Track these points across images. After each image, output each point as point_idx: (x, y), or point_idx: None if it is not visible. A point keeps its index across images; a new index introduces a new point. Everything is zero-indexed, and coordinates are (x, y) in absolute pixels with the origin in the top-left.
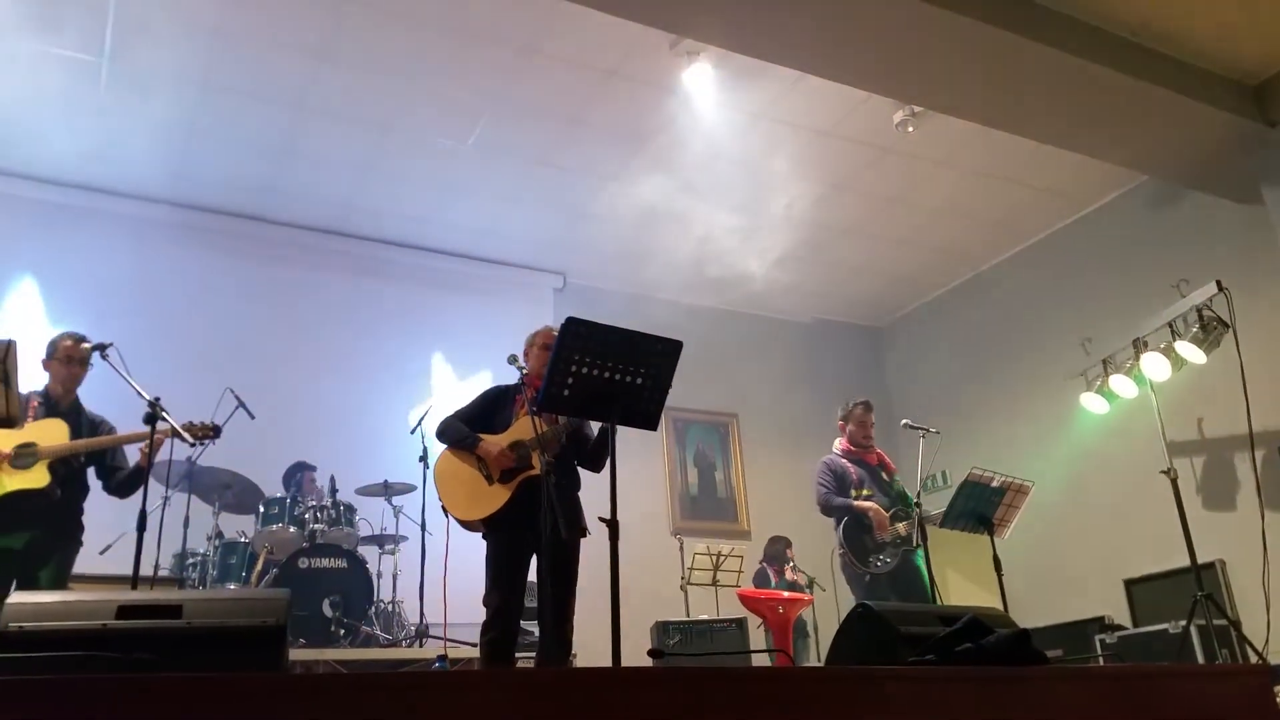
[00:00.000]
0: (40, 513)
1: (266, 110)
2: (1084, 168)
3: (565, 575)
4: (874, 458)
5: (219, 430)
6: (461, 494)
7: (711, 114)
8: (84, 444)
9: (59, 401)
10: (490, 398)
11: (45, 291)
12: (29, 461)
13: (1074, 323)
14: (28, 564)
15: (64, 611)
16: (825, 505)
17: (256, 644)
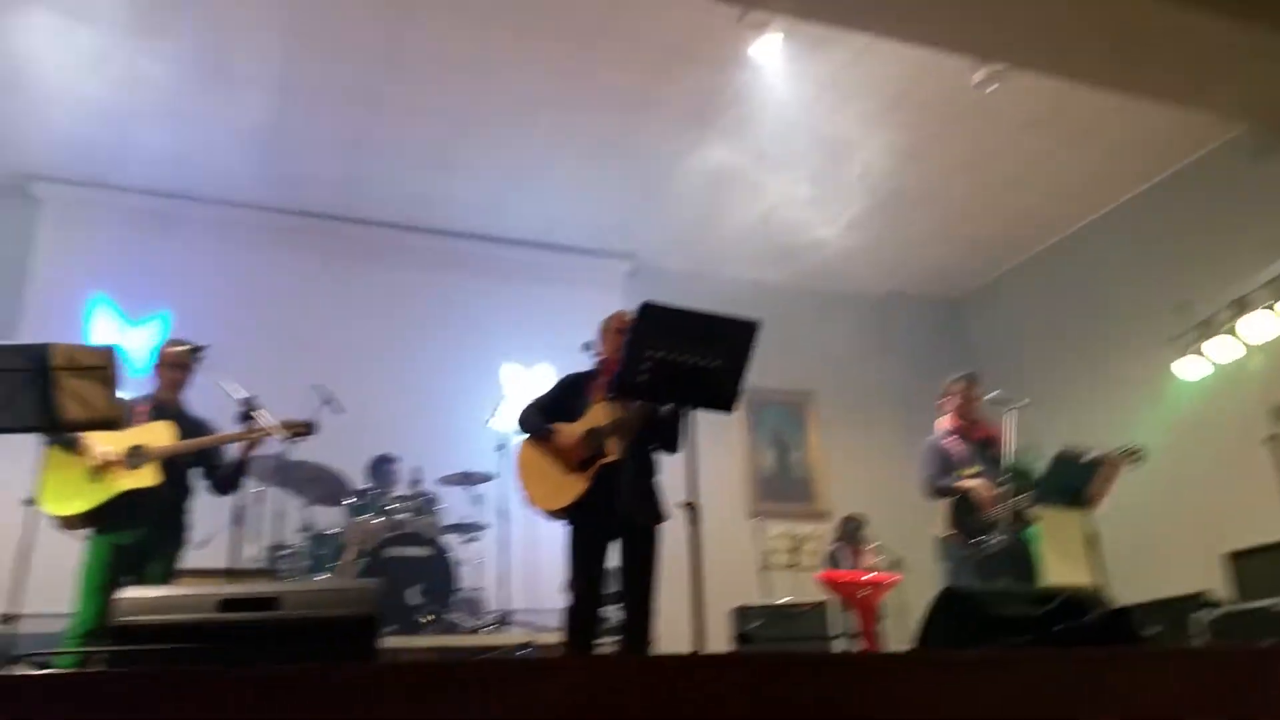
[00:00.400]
0: (150, 511)
1: (340, 110)
2: (1175, 121)
3: (645, 561)
4: (980, 433)
5: (313, 426)
6: (541, 485)
7: (780, 86)
8: (190, 444)
9: (165, 405)
10: (566, 386)
11: (135, 298)
12: (139, 462)
13: (1167, 286)
14: (140, 559)
15: (170, 605)
16: (929, 488)
17: (350, 633)
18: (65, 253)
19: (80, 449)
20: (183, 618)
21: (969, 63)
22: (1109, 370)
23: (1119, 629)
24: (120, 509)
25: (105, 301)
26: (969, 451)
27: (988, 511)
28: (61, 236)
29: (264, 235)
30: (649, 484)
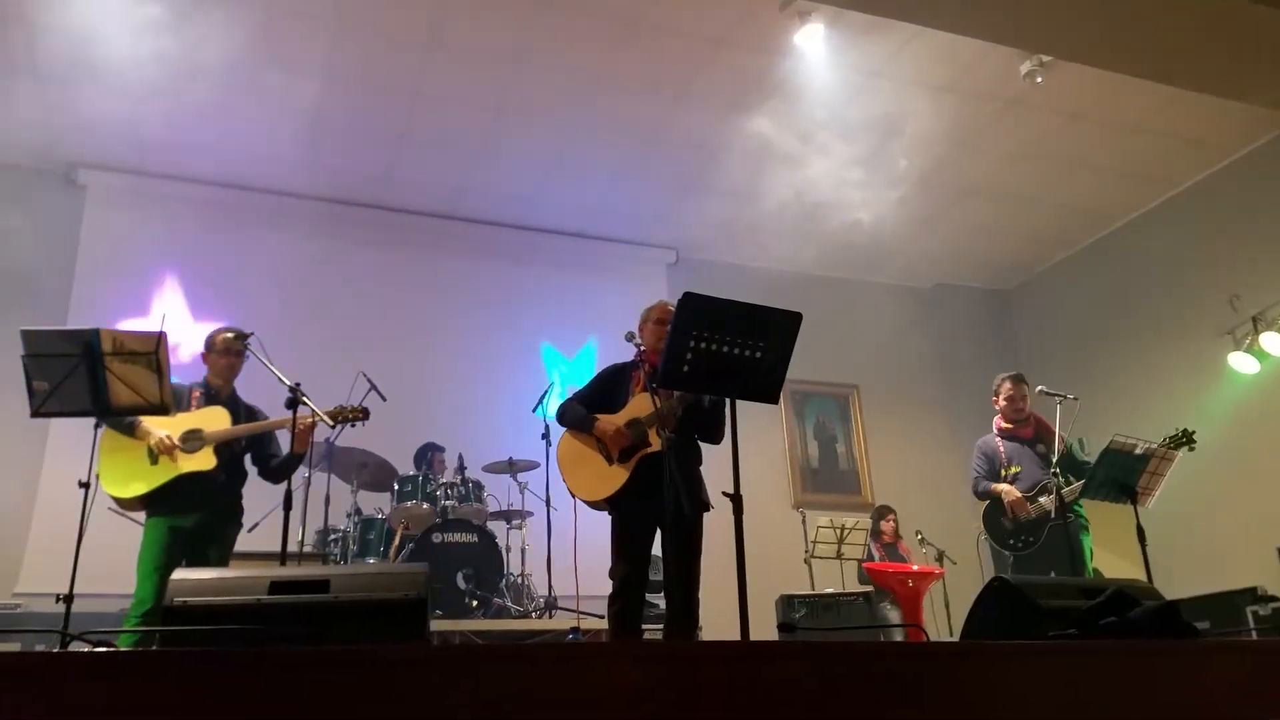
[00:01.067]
0: (207, 495)
1: (383, 100)
2: (1227, 113)
3: (689, 549)
4: (1030, 430)
5: (367, 413)
6: (583, 475)
7: (824, 76)
8: (245, 428)
9: (219, 392)
10: (606, 377)
11: (186, 286)
12: (196, 446)
13: (1220, 278)
14: (197, 542)
15: (222, 587)
16: (974, 490)
17: (400, 616)
18: (111, 239)
19: (138, 432)
20: (233, 599)
21: (1016, 54)
22: (1160, 363)
23: (1169, 623)
24: (178, 492)
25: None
26: (1016, 450)
27: (1017, 515)
28: (107, 223)
29: (308, 224)
30: (692, 473)
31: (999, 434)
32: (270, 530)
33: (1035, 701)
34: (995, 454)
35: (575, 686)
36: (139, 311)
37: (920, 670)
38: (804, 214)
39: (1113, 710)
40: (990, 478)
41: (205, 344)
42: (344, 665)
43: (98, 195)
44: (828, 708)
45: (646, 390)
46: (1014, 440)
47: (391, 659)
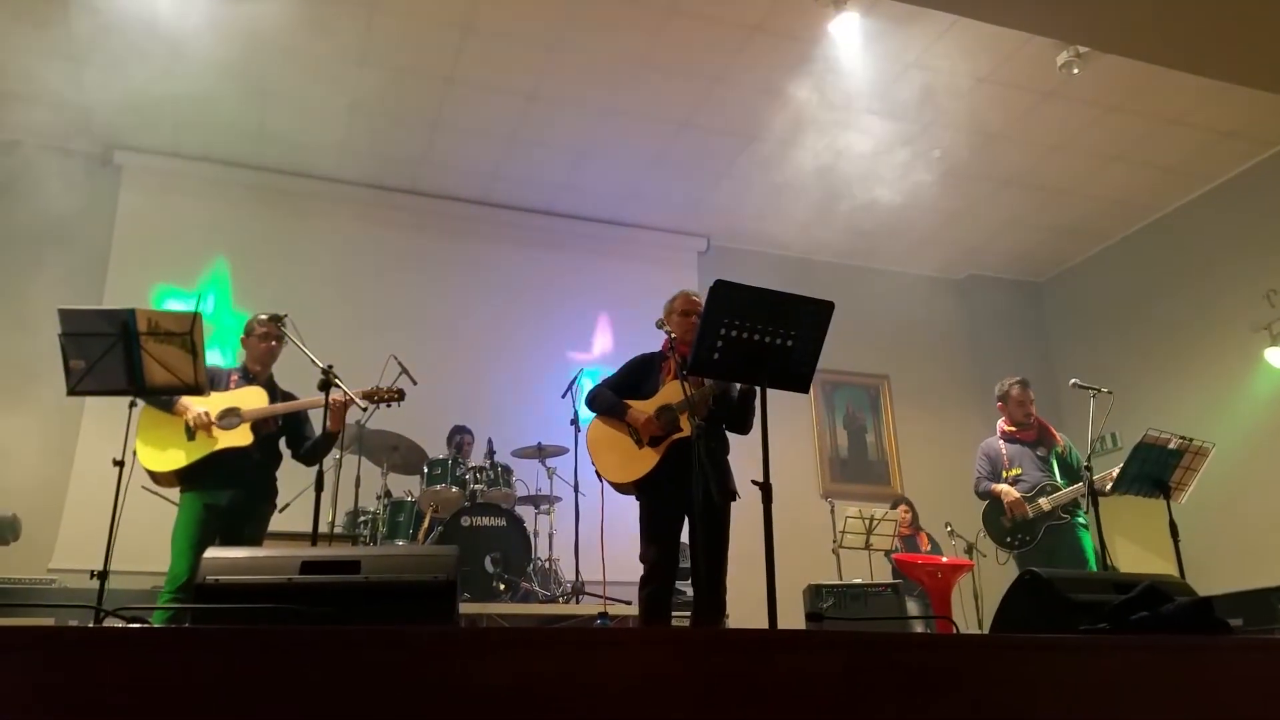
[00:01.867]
0: (242, 472)
1: (416, 85)
2: (1264, 106)
3: (717, 537)
4: (1032, 433)
5: (402, 394)
6: (613, 458)
7: (860, 64)
8: (282, 407)
9: (256, 377)
10: (636, 365)
11: (220, 268)
12: (234, 423)
13: (1257, 272)
14: (232, 520)
15: (253, 566)
16: (975, 490)
17: (429, 598)
18: (147, 221)
19: (176, 408)
20: (265, 578)
21: (1053, 45)
22: (1194, 358)
23: (1201, 618)
24: (214, 468)
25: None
26: (1018, 452)
27: (1015, 515)
28: (143, 204)
29: (341, 207)
30: (720, 462)
31: (1002, 436)
32: (301, 511)
33: (1066, 695)
34: (998, 456)
35: (603, 672)
36: (174, 293)
37: (949, 662)
38: (836, 203)
39: (1144, 706)
40: (992, 479)
41: (245, 329)
42: (374, 645)
43: (134, 176)
44: (855, 698)
45: (677, 378)
46: (1016, 443)
47: (421, 640)
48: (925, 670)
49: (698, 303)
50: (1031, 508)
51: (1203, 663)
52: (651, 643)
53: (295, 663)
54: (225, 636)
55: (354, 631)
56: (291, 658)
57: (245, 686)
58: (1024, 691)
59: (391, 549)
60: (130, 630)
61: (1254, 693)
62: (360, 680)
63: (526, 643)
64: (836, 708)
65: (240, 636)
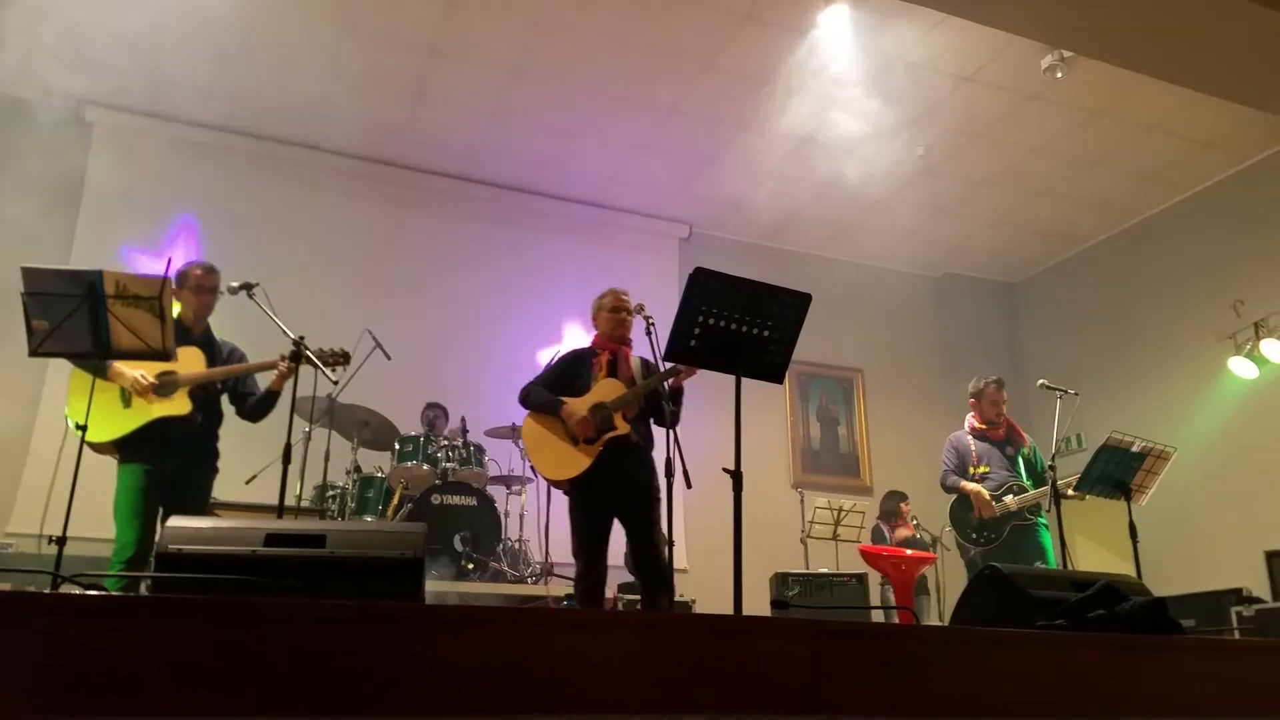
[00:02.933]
0: (184, 439)
1: (399, 55)
2: (1243, 119)
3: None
4: (1001, 432)
5: (348, 355)
6: (549, 455)
7: (847, 58)
8: (220, 371)
9: (191, 329)
10: (568, 362)
11: (193, 232)
12: (170, 389)
13: (1225, 283)
14: (175, 487)
15: (217, 537)
16: (942, 483)
17: (395, 575)
18: (117, 180)
19: (110, 373)
20: (229, 549)
21: (1038, 48)
22: (1161, 363)
23: (1155, 618)
24: (153, 437)
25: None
26: (986, 450)
27: (982, 515)
28: (114, 164)
29: (320, 176)
30: (648, 458)
31: (971, 433)
32: (268, 483)
33: (1021, 688)
34: (966, 451)
35: (568, 653)
36: (144, 255)
37: (909, 652)
38: (818, 196)
39: (1096, 701)
40: (959, 473)
41: (177, 279)
42: (337, 620)
43: (105, 134)
44: (817, 684)
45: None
46: (985, 440)
47: (385, 616)
48: (885, 660)
49: (626, 301)
50: (999, 507)
51: (1155, 661)
52: (617, 625)
53: (256, 635)
54: (185, 606)
55: (317, 605)
56: (253, 630)
57: (204, 657)
58: (981, 683)
59: (358, 524)
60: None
61: (1204, 692)
62: (322, 655)
63: (492, 622)
64: (797, 694)
65: (201, 606)
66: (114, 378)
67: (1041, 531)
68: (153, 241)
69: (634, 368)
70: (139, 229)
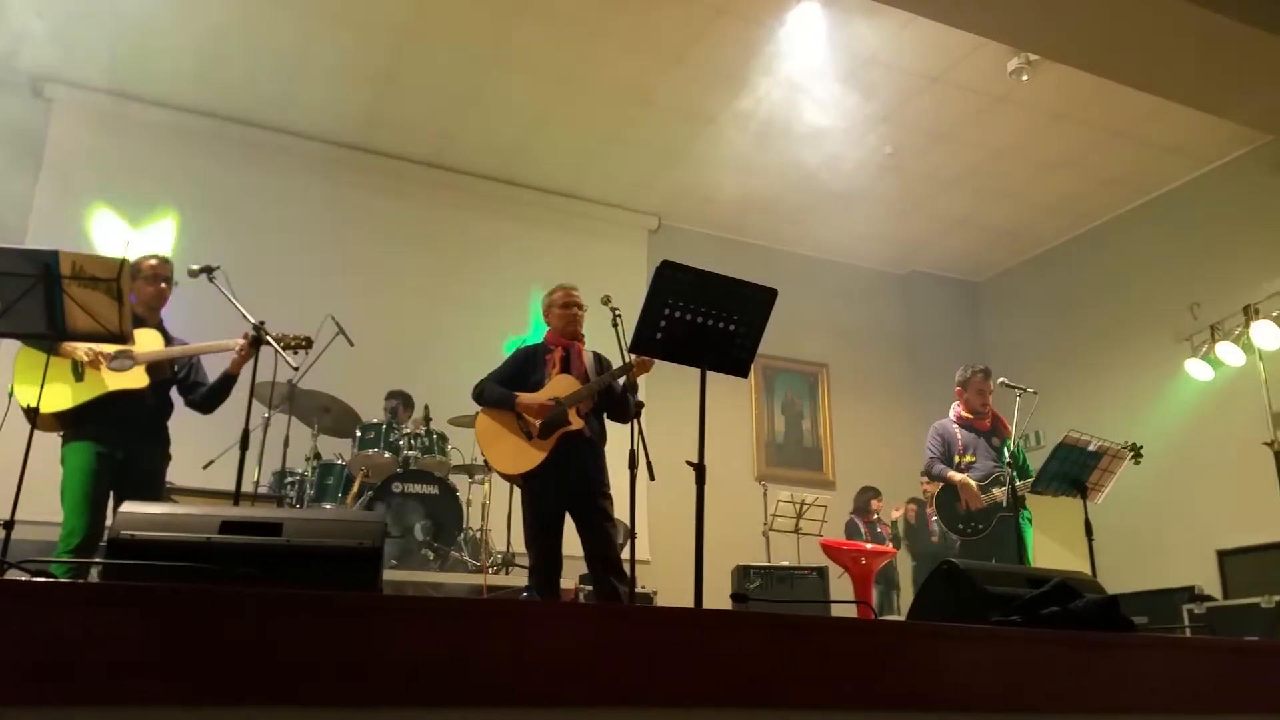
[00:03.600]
0: (137, 420)
1: (369, 38)
2: (1204, 125)
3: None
4: (988, 422)
5: (310, 341)
6: (502, 449)
7: (817, 56)
8: (176, 351)
9: (144, 319)
10: (520, 360)
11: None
12: (127, 365)
13: (1183, 286)
14: (126, 470)
15: (171, 523)
16: (927, 471)
17: (353, 564)
18: (76, 160)
19: (61, 349)
20: (183, 536)
21: (1005, 51)
22: (1119, 364)
23: (1109, 616)
24: (105, 413)
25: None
26: (972, 440)
27: (969, 507)
28: (74, 142)
29: (284, 159)
30: (600, 454)
31: (957, 421)
32: (225, 468)
33: (976, 683)
34: (953, 440)
35: (526, 644)
36: (102, 236)
37: (866, 646)
38: (787, 191)
39: (1049, 697)
40: (945, 462)
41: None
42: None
43: (65, 111)
44: (776, 677)
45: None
46: (971, 430)
47: (341, 605)
48: (843, 653)
49: (577, 297)
50: (986, 498)
51: (1108, 658)
52: (576, 617)
53: (210, 623)
54: (137, 593)
55: (269, 594)
56: (207, 618)
57: (151, 645)
58: (936, 678)
59: (317, 512)
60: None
61: (1156, 688)
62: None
63: (449, 612)
64: (756, 686)
65: (149, 593)
66: (66, 353)
67: (1026, 526)
68: (111, 222)
69: (587, 363)
70: (97, 209)
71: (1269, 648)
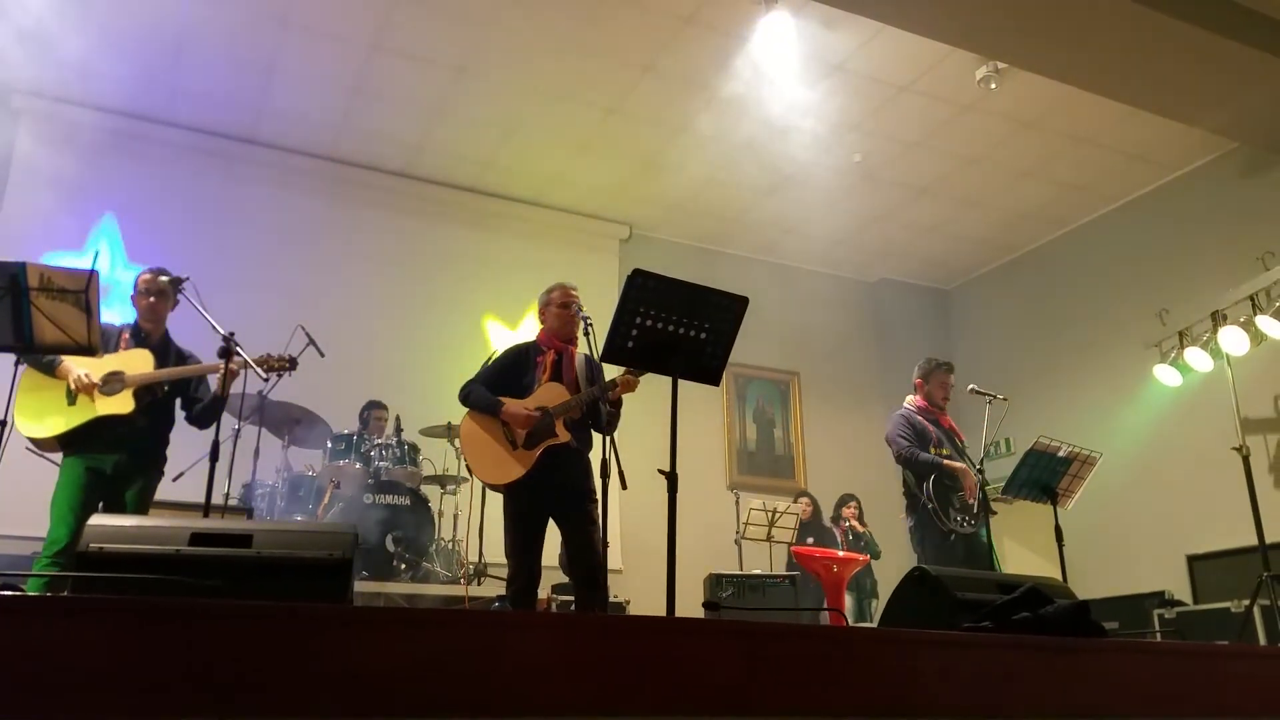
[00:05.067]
0: (126, 438)
1: (342, 49)
2: (1171, 132)
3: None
4: (946, 422)
5: (294, 362)
6: (486, 457)
7: (787, 65)
8: (166, 373)
9: (149, 335)
10: (510, 360)
11: (125, 227)
12: (116, 388)
13: (1151, 292)
14: (115, 486)
15: (140, 535)
16: (910, 459)
17: (323, 576)
18: (46, 170)
19: (58, 371)
20: (152, 548)
21: (973, 59)
22: (1088, 370)
23: (1079, 621)
24: (96, 434)
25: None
26: (939, 434)
27: (969, 497)
28: (42, 153)
29: (256, 171)
30: (586, 463)
31: (919, 412)
32: (195, 481)
33: (947, 689)
34: (925, 430)
35: (497, 655)
36: (71, 247)
37: (838, 653)
38: (757, 199)
39: (1020, 701)
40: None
41: (134, 285)
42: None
43: (33, 122)
44: (748, 685)
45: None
46: (935, 424)
47: (310, 618)
48: (815, 660)
49: (576, 296)
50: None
51: (1078, 663)
52: (550, 627)
53: (180, 636)
54: (106, 606)
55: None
56: (176, 631)
57: (126, 659)
58: (907, 684)
59: (286, 524)
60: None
61: (1125, 692)
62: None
63: (423, 623)
64: (729, 694)
65: (122, 607)
66: (62, 375)
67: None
68: (80, 233)
69: (579, 369)
70: (65, 220)
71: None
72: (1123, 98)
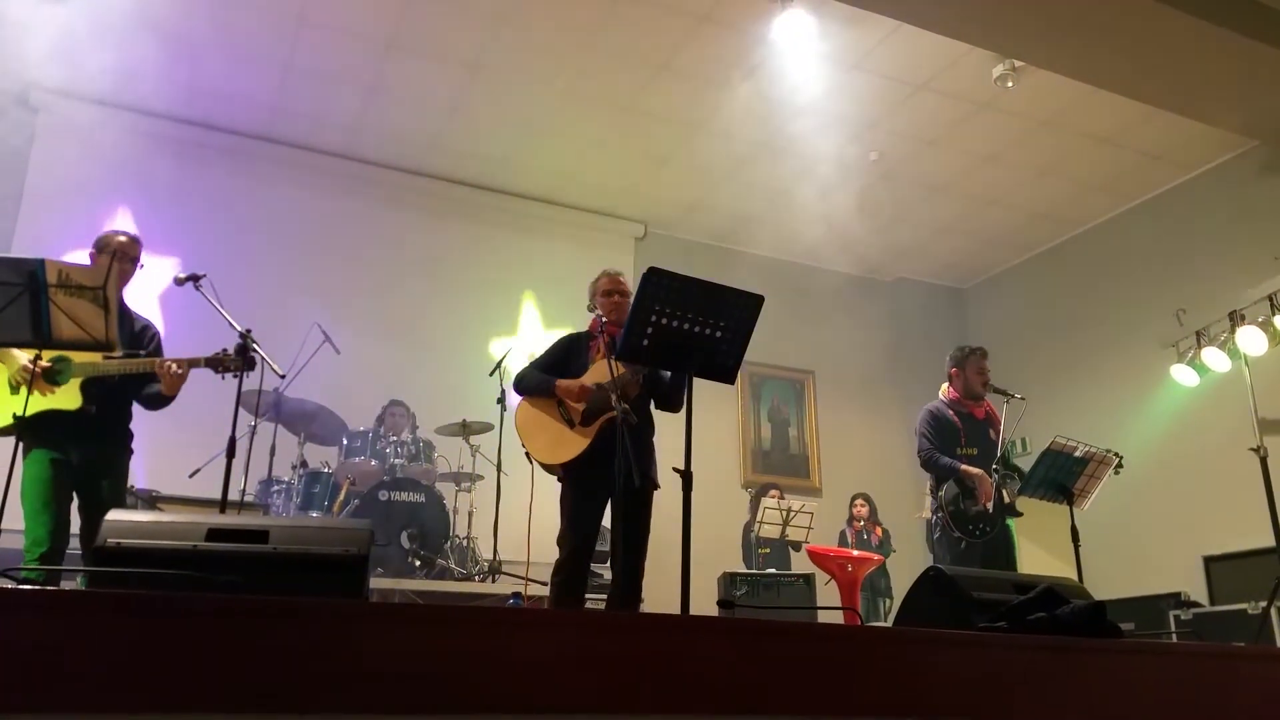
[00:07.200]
0: (83, 427)
1: (357, 48)
2: (1189, 131)
3: (638, 525)
4: (982, 411)
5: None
6: (544, 439)
7: (803, 63)
8: (115, 365)
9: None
10: (563, 345)
11: (142, 225)
12: (63, 378)
13: (1168, 291)
14: (85, 476)
15: (158, 531)
16: (929, 462)
17: (339, 571)
18: (63, 167)
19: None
20: (169, 544)
21: (990, 57)
22: (1104, 370)
23: (1095, 622)
24: (49, 427)
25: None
26: (971, 429)
27: (985, 502)
28: (60, 150)
29: (273, 169)
30: (647, 444)
31: (951, 405)
32: (211, 477)
33: (962, 689)
34: (954, 429)
35: (510, 652)
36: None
37: (853, 652)
38: (772, 199)
39: (1035, 702)
40: (943, 452)
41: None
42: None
43: (52, 120)
44: (763, 683)
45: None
46: (969, 417)
47: (326, 613)
48: (829, 660)
49: (622, 282)
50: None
51: (1094, 664)
52: (561, 624)
53: (195, 631)
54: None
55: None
56: (192, 625)
57: (136, 652)
58: (922, 684)
59: (303, 520)
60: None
61: (1142, 694)
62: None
63: (437, 620)
64: (743, 692)
65: (140, 602)
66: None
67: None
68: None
69: None
70: (84, 218)
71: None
72: (1141, 97)
